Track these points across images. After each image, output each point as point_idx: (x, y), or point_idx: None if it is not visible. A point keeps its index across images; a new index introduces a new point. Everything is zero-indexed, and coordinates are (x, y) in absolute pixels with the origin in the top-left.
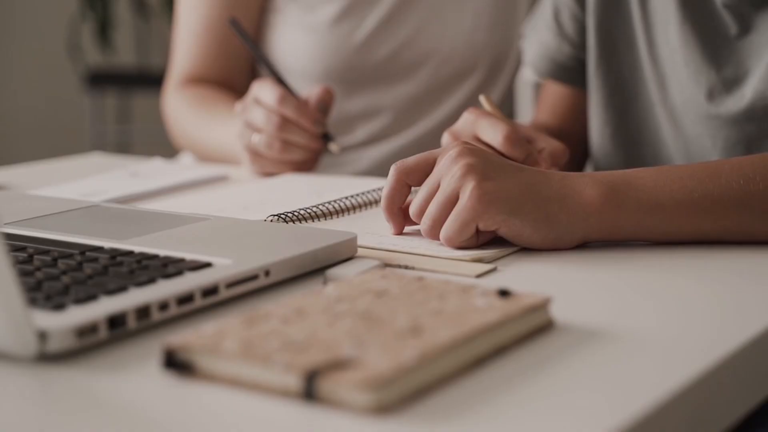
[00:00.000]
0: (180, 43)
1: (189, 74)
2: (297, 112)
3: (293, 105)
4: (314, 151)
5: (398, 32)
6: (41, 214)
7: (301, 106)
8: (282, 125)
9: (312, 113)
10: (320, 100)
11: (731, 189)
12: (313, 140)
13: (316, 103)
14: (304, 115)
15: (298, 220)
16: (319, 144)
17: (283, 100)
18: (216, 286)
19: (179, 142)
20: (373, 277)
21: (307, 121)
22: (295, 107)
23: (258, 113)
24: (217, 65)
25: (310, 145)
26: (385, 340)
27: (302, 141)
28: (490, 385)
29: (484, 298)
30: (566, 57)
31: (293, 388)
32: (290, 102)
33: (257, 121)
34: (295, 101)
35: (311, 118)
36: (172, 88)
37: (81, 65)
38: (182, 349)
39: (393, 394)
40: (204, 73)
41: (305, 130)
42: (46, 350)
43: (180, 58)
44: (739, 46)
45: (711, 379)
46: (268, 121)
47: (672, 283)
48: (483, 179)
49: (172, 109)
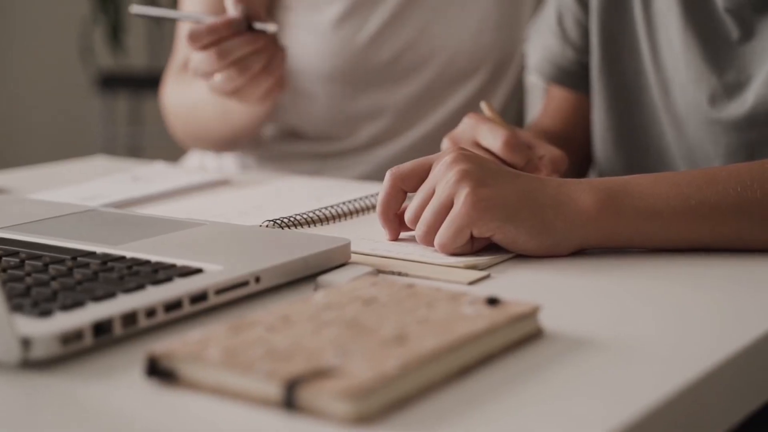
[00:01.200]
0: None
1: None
2: (212, 32)
3: (204, 32)
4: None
5: (402, 33)
6: (37, 219)
7: (211, 25)
8: (218, 51)
9: (224, 20)
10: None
11: (728, 196)
12: (252, 40)
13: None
14: (220, 28)
15: (294, 225)
16: (261, 39)
17: (192, 36)
18: (205, 292)
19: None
20: (363, 285)
21: (227, 29)
22: (207, 31)
23: (197, 61)
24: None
25: (253, 45)
26: (370, 349)
27: (243, 49)
28: (475, 395)
29: (472, 306)
30: (570, 61)
31: (274, 396)
32: (199, 32)
33: (200, 64)
34: (203, 26)
35: (225, 23)
36: (169, 78)
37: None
38: (165, 356)
39: (374, 404)
40: None
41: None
42: (29, 357)
43: (181, 47)
44: (741, 51)
45: (704, 387)
46: (207, 59)
47: (668, 291)
48: (478, 185)
49: (167, 98)
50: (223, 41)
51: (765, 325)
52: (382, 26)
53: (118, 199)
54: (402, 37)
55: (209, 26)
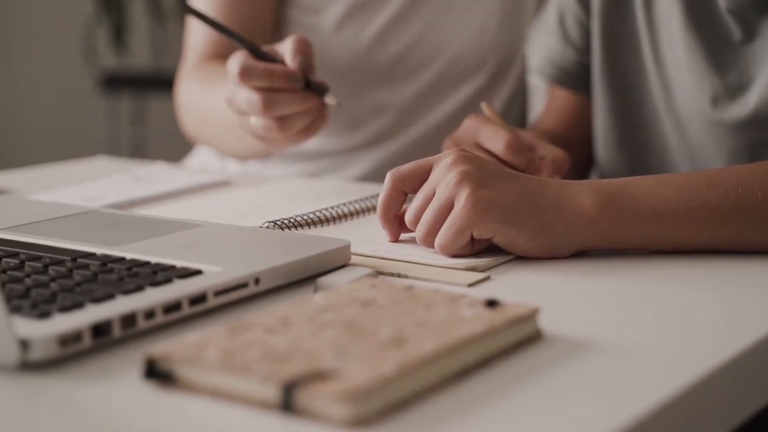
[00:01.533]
0: (194, 26)
1: (204, 54)
2: (266, 76)
3: (260, 72)
4: (314, 109)
5: (406, 33)
6: (38, 220)
7: (268, 69)
8: (266, 102)
9: (283, 70)
10: (294, 53)
11: (729, 198)
12: (304, 99)
13: (291, 58)
14: (276, 76)
15: (294, 226)
16: (313, 99)
17: (245, 72)
18: (204, 294)
19: (189, 128)
20: (362, 286)
21: (282, 81)
22: (262, 74)
23: (240, 95)
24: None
25: (303, 105)
26: (367, 351)
27: (294, 107)
28: (473, 397)
29: (471, 308)
30: (571, 62)
31: (271, 399)
32: (255, 71)
33: (242, 104)
34: (261, 66)
35: (284, 75)
36: (184, 72)
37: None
38: (163, 358)
39: (371, 407)
40: (221, 51)
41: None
42: (28, 359)
43: (194, 40)
44: (744, 53)
45: (705, 390)
46: (251, 103)
47: (669, 293)
48: (478, 187)
49: (181, 94)
50: (275, 91)
51: (766, 327)
52: (385, 27)
53: (119, 200)
54: (405, 38)
55: (266, 70)
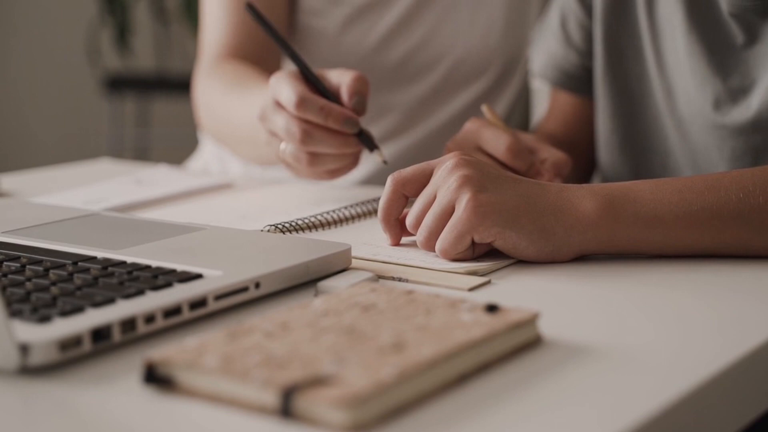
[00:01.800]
0: (210, 22)
1: (221, 52)
2: (322, 114)
3: (316, 108)
4: (350, 155)
5: (411, 36)
6: (39, 223)
7: (326, 108)
8: (305, 136)
9: (341, 112)
10: (352, 93)
11: (730, 202)
12: (345, 144)
13: (348, 97)
14: (332, 116)
15: (295, 230)
16: (355, 146)
17: (302, 103)
18: (204, 298)
19: (207, 127)
20: (362, 290)
21: (336, 123)
22: (319, 110)
23: (279, 121)
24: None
25: (341, 149)
26: (366, 357)
27: (332, 149)
28: (473, 403)
29: (470, 313)
30: (573, 65)
31: (270, 404)
32: (312, 105)
33: (279, 130)
34: (319, 102)
35: (341, 117)
36: (203, 69)
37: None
38: (163, 363)
39: (370, 412)
40: (239, 48)
41: (335, 134)
42: (28, 363)
43: (210, 36)
44: (746, 56)
45: (704, 396)
46: (289, 132)
47: (669, 298)
48: (479, 191)
49: (201, 91)
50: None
51: (766, 333)
52: (390, 30)
53: (121, 203)
54: (410, 41)
55: (324, 107)
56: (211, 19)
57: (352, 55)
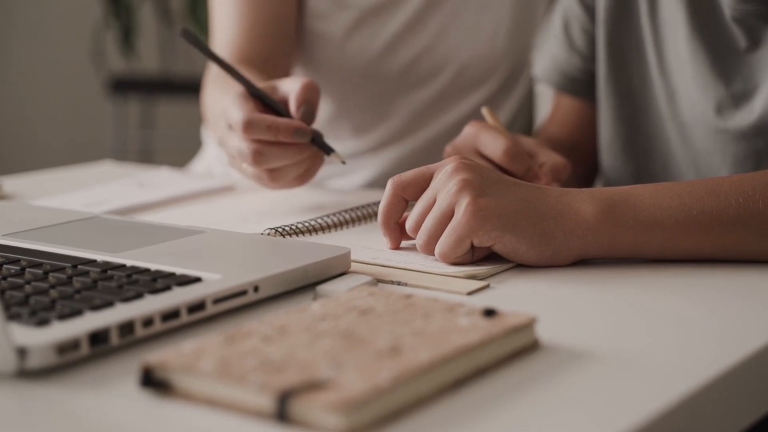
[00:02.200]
0: (221, 23)
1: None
2: (270, 132)
3: (263, 126)
4: (307, 159)
5: (416, 41)
6: (40, 226)
7: (273, 124)
8: (257, 156)
9: (289, 125)
10: (300, 102)
11: (730, 207)
12: (300, 152)
13: (296, 107)
14: (281, 131)
15: (295, 233)
16: (306, 150)
17: (249, 125)
18: (203, 302)
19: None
20: (361, 294)
21: (287, 136)
22: (266, 128)
23: (232, 143)
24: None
25: (296, 158)
26: (363, 361)
27: (285, 161)
28: (469, 407)
29: (468, 317)
30: (576, 69)
31: (266, 408)
32: (258, 124)
33: (234, 153)
34: (266, 120)
35: (290, 130)
36: (211, 76)
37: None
38: (160, 367)
39: (366, 417)
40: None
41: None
42: (25, 366)
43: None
44: (748, 61)
45: (702, 400)
46: (242, 154)
47: (668, 302)
48: (478, 195)
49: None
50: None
51: (764, 338)
52: (396, 35)
53: (122, 205)
54: (415, 46)
55: (272, 124)
56: (222, 21)
57: (358, 60)
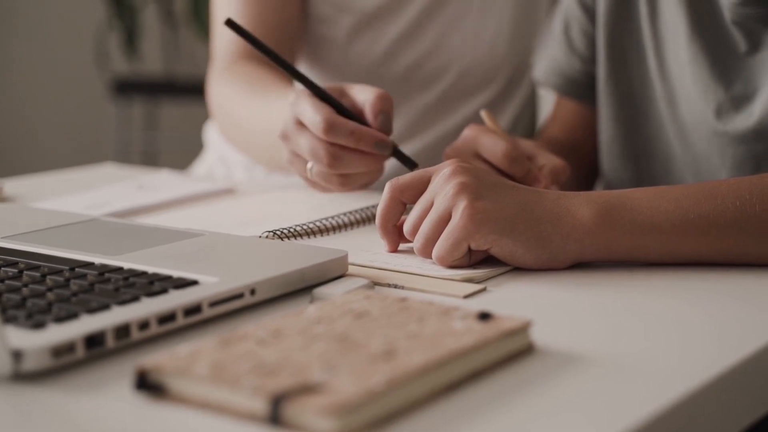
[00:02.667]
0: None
1: (235, 53)
2: (353, 138)
3: (346, 132)
4: (380, 169)
5: (418, 45)
6: (39, 228)
7: (356, 131)
8: (334, 161)
9: (372, 135)
10: (377, 111)
11: (727, 210)
12: (376, 162)
13: (373, 116)
14: (363, 140)
15: (293, 236)
16: (381, 160)
17: (331, 128)
18: (199, 305)
19: (222, 131)
20: (357, 298)
21: (368, 146)
22: (349, 134)
23: (304, 143)
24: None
25: (371, 166)
26: (357, 364)
27: (361, 168)
28: (463, 411)
29: (463, 321)
30: (576, 72)
31: (260, 412)
32: (341, 129)
33: (304, 152)
34: (349, 126)
35: (371, 140)
36: (217, 70)
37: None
38: (154, 370)
39: (359, 420)
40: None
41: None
42: (21, 369)
43: (222, 39)
44: (749, 64)
45: (698, 403)
46: (317, 156)
47: (664, 306)
48: (475, 198)
49: (216, 93)
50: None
51: (761, 341)
52: (398, 39)
53: (122, 208)
54: (417, 50)
55: (354, 130)
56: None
57: (360, 64)
